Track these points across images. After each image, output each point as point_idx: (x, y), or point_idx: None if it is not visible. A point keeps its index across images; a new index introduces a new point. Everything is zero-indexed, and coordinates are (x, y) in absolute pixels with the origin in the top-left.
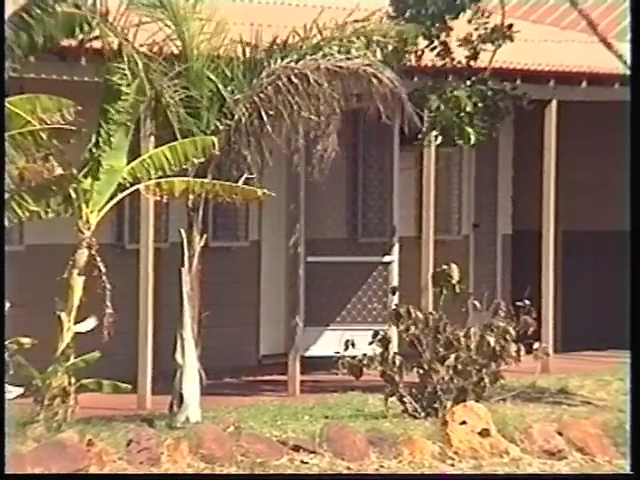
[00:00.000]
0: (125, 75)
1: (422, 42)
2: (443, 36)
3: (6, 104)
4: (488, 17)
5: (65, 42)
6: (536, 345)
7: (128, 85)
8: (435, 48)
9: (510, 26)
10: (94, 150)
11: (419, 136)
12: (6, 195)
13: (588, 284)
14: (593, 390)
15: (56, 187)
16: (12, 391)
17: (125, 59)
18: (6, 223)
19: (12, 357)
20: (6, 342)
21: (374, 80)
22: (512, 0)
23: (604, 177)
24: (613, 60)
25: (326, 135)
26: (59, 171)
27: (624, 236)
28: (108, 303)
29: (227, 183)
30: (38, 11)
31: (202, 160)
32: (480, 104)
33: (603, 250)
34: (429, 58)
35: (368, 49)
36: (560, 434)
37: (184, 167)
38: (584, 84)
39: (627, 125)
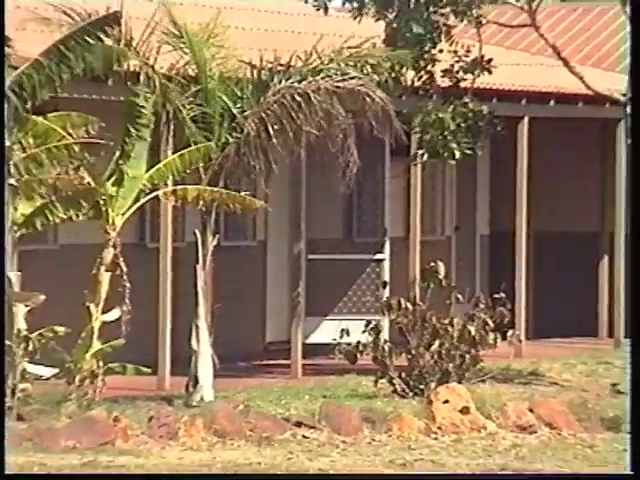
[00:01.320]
0: (146, 95)
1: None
2: (429, 67)
3: (43, 120)
4: (469, 52)
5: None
6: (510, 333)
7: (146, 100)
8: (421, 76)
9: (489, 60)
10: (119, 161)
11: (410, 153)
12: (41, 201)
13: (556, 279)
14: (560, 372)
15: (86, 194)
16: (47, 373)
17: (145, 81)
18: (39, 224)
19: (47, 343)
20: (42, 330)
21: (367, 98)
22: (489, 29)
23: (571, 184)
24: (576, 81)
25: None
26: (89, 180)
27: (589, 236)
28: (127, 300)
29: (233, 193)
30: (76, 45)
31: (208, 167)
32: (462, 124)
33: (570, 249)
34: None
35: (362, 72)
36: (531, 411)
37: (198, 176)
38: (552, 102)
39: (591, 138)
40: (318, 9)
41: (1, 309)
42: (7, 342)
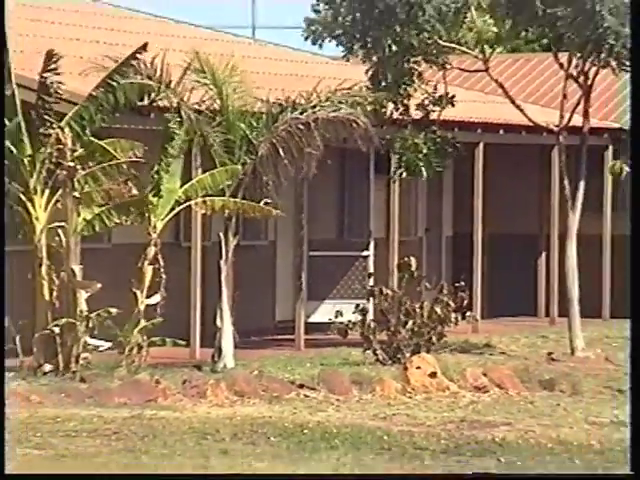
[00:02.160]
0: (179, 123)
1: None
2: (405, 102)
3: (100, 143)
4: (436, 90)
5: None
6: (468, 313)
7: (179, 129)
8: (399, 109)
9: (452, 97)
10: (158, 177)
11: (390, 171)
12: (98, 209)
13: (505, 270)
14: (507, 344)
15: (133, 203)
16: (103, 345)
17: (180, 113)
18: (97, 228)
19: (103, 321)
20: (99, 311)
21: (354, 125)
22: (452, 73)
23: (516, 196)
24: (520, 115)
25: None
26: (135, 192)
27: (529, 237)
28: (162, 288)
29: (252, 203)
30: (121, 80)
31: (231, 183)
32: (432, 148)
33: (515, 247)
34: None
35: (351, 107)
36: (485, 375)
37: (221, 188)
38: (501, 131)
39: (531, 159)
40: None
41: (1, 309)
42: (71, 320)
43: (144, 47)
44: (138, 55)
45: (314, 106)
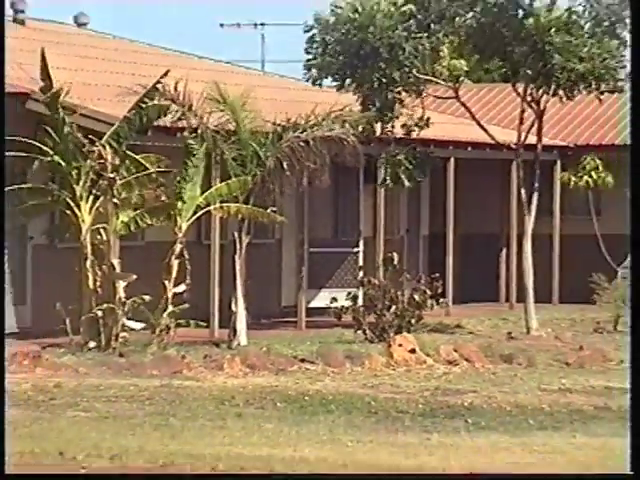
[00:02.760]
0: (198, 141)
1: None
2: (389, 124)
3: (134, 156)
4: (414, 114)
5: (164, 122)
6: (442, 300)
7: (200, 146)
8: (385, 129)
9: (428, 119)
10: (179, 185)
11: (377, 181)
12: (133, 213)
13: (472, 264)
14: (474, 325)
15: (163, 207)
16: (138, 326)
17: (197, 133)
18: (133, 228)
19: (138, 306)
20: (135, 298)
21: (344, 142)
22: (428, 99)
23: (481, 201)
24: (484, 134)
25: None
26: (163, 197)
27: (493, 236)
28: (188, 277)
29: (261, 210)
30: (148, 102)
31: (243, 191)
32: (412, 162)
33: (481, 244)
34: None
35: (344, 127)
36: (455, 351)
37: (235, 196)
38: (469, 148)
39: (494, 171)
40: (314, 84)
41: (1, 309)
42: (111, 305)
43: (166, 74)
44: (162, 81)
45: (312, 126)
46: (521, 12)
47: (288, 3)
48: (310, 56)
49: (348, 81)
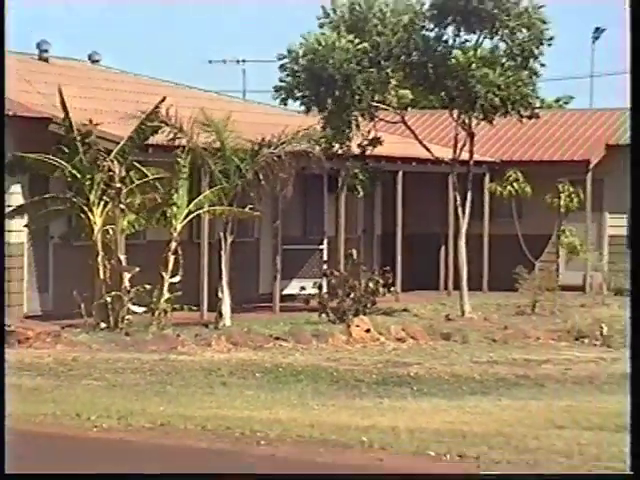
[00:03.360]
0: (186, 155)
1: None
2: (347, 142)
3: (138, 167)
4: (369, 134)
5: (157, 140)
6: (392, 288)
7: (185, 161)
8: (342, 148)
9: (379, 139)
10: (171, 194)
11: (337, 189)
12: (135, 215)
13: (417, 258)
14: (419, 309)
15: (159, 211)
16: (140, 310)
17: (186, 150)
18: (136, 228)
19: (141, 294)
20: (138, 286)
21: (310, 155)
22: (380, 123)
23: (425, 207)
24: (426, 152)
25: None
26: (159, 199)
27: (434, 235)
28: (181, 270)
29: (241, 209)
30: (148, 123)
31: (228, 198)
32: (366, 175)
33: (424, 242)
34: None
35: (309, 143)
36: (403, 330)
37: (221, 201)
38: (414, 163)
39: (434, 182)
40: (282, 103)
41: (1, 307)
42: (118, 293)
43: (163, 100)
44: (160, 107)
45: (282, 143)
46: (449, 51)
47: (266, 43)
48: (280, 82)
49: (313, 107)
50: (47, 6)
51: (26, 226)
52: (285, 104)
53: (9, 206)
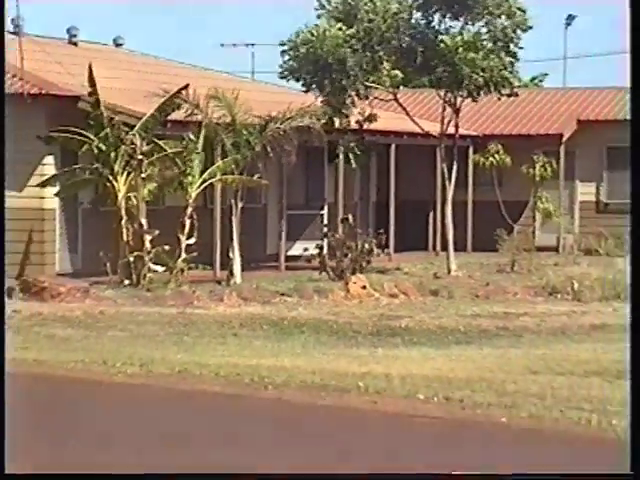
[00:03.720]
0: (202, 130)
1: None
2: (346, 118)
3: (157, 142)
4: (364, 111)
5: (175, 116)
6: (385, 249)
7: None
8: (342, 123)
9: (375, 115)
10: (189, 163)
11: (337, 160)
12: (155, 184)
13: (409, 222)
14: (410, 268)
15: (177, 180)
16: (160, 269)
17: (201, 126)
18: (156, 196)
19: (160, 254)
20: (157, 247)
21: (312, 130)
22: (374, 101)
23: (416, 176)
24: (416, 127)
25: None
26: (178, 172)
27: (423, 202)
28: (196, 232)
29: (249, 178)
30: (170, 98)
31: (238, 168)
32: (361, 147)
33: (415, 207)
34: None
35: (311, 119)
36: (395, 287)
37: (231, 171)
38: (405, 137)
39: (424, 153)
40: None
41: (1, 306)
42: (140, 253)
43: (186, 87)
44: (182, 91)
45: (288, 119)
46: (436, 36)
47: (274, 28)
48: (284, 64)
49: (313, 87)
50: None
51: (57, 194)
52: (287, 80)
53: (43, 174)
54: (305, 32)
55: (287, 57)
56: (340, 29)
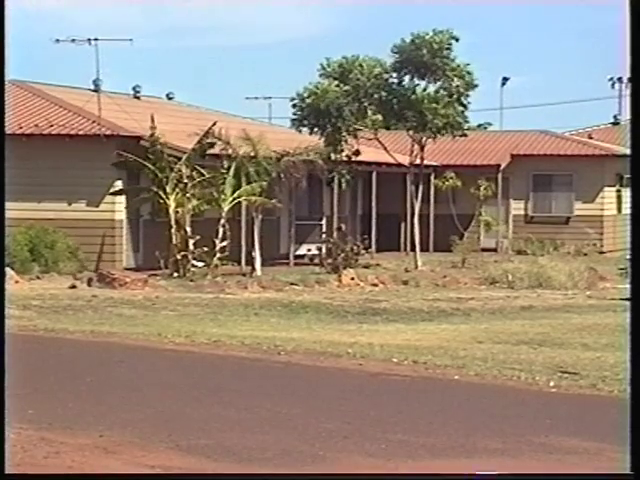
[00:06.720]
0: (230, 162)
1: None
2: (339, 154)
3: (199, 169)
4: (351, 147)
5: (213, 151)
6: (369, 250)
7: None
8: (336, 156)
9: (358, 150)
10: (222, 186)
11: (332, 184)
12: (197, 202)
13: (386, 229)
14: (387, 264)
15: (213, 198)
16: (200, 264)
17: (230, 158)
18: (198, 210)
19: (200, 253)
20: (199, 249)
21: (314, 162)
22: (361, 140)
23: (391, 195)
24: (391, 159)
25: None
26: (214, 192)
27: (395, 215)
28: (228, 237)
29: (267, 200)
30: (204, 140)
31: (259, 191)
32: (351, 174)
33: (389, 219)
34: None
35: (314, 154)
36: (376, 278)
37: (254, 193)
38: (384, 166)
39: (396, 180)
40: (297, 130)
41: (1, 305)
42: (185, 253)
43: (214, 124)
44: (212, 129)
45: (297, 153)
46: (407, 92)
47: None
48: (293, 115)
49: (316, 129)
50: (136, 55)
51: (126, 207)
52: (299, 130)
53: (112, 193)
54: (310, 88)
55: (296, 108)
56: (337, 86)
